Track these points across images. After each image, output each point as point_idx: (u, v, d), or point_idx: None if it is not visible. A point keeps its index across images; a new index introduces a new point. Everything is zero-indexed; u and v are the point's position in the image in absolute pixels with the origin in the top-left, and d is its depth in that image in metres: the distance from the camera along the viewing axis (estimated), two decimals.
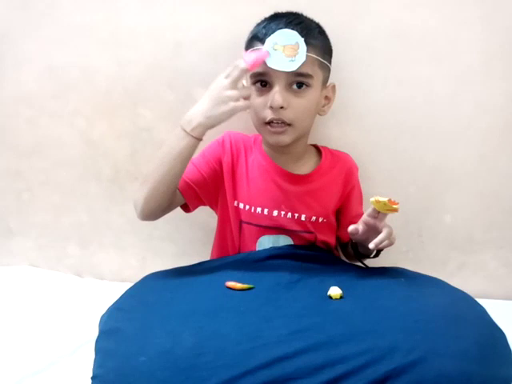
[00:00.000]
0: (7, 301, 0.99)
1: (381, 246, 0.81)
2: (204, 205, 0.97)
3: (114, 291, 0.82)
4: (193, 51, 1.02)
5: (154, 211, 0.88)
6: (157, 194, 0.85)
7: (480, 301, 0.77)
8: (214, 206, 0.99)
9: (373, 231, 0.83)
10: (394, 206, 0.80)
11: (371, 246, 0.81)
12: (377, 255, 0.91)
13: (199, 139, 0.82)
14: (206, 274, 0.84)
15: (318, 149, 0.99)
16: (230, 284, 0.77)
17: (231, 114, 0.80)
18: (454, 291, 0.78)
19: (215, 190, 0.95)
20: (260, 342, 0.64)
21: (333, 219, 0.97)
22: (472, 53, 1.02)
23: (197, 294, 0.74)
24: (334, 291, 0.75)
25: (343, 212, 0.98)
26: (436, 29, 1.00)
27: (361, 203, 1.01)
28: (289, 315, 0.70)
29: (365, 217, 0.84)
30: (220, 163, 0.94)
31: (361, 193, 1.01)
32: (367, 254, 0.91)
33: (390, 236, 0.82)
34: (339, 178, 0.96)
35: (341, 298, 0.75)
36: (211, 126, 0.81)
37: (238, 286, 0.77)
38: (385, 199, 0.80)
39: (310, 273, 0.84)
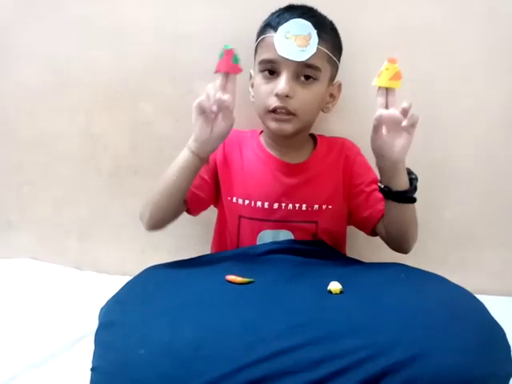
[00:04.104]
0: (7, 293, 0.99)
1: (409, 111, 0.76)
2: (207, 207, 0.99)
3: (114, 284, 0.81)
4: (194, 44, 1.02)
5: (159, 223, 0.92)
6: (160, 207, 0.89)
7: (480, 297, 0.76)
8: (215, 205, 1.00)
9: (393, 126, 0.79)
10: (396, 65, 0.77)
11: (404, 104, 0.76)
12: (412, 192, 0.84)
13: (199, 156, 0.84)
14: (206, 267, 0.84)
15: (313, 137, 0.99)
16: (230, 278, 0.77)
17: (202, 123, 0.82)
18: (454, 287, 0.78)
19: (217, 188, 0.96)
20: (259, 335, 0.64)
21: (341, 206, 0.96)
22: (475, 49, 1.02)
23: (197, 287, 0.74)
24: (334, 286, 0.75)
25: (357, 190, 0.95)
26: (439, 24, 1.00)
27: (370, 170, 0.96)
28: (288, 310, 0.69)
29: (377, 113, 0.79)
30: (214, 163, 0.95)
31: (367, 164, 0.97)
32: (401, 188, 0.83)
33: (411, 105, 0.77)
34: (338, 163, 0.96)
35: (341, 292, 0.74)
36: (202, 140, 0.83)
37: (238, 279, 0.77)
38: (383, 65, 0.77)
39: (310, 268, 0.84)
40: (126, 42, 1.04)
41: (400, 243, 0.91)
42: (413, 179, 0.85)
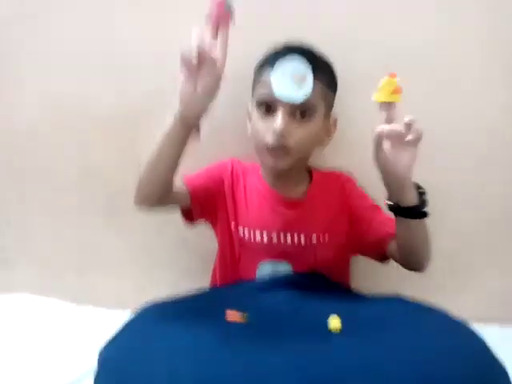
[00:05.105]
0: (5, 329, 0.98)
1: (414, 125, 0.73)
2: (206, 219, 0.98)
3: (112, 319, 0.81)
4: None
5: (146, 198, 0.88)
6: (146, 178, 0.85)
7: (480, 325, 0.76)
8: (214, 226, 1.00)
9: (396, 142, 0.76)
10: (395, 80, 0.75)
11: (406, 119, 0.73)
12: (422, 206, 0.81)
13: (185, 120, 0.80)
14: (206, 304, 0.83)
15: (309, 171, 1.00)
16: (230, 316, 0.77)
17: (185, 78, 0.78)
18: (455, 323, 0.76)
19: (215, 205, 0.96)
20: (260, 379, 0.63)
21: (338, 236, 0.96)
22: (470, 78, 1.03)
23: (197, 329, 0.73)
24: (334, 324, 0.75)
25: (357, 217, 0.95)
26: (431, 55, 1.02)
27: (368, 198, 0.98)
28: (288, 351, 0.69)
29: (376, 129, 0.76)
30: (222, 182, 0.96)
31: (364, 193, 0.98)
32: (410, 204, 0.80)
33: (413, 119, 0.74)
34: (335, 195, 0.97)
35: (340, 330, 0.74)
36: (186, 99, 0.79)
37: (238, 317, 0.77)
38: (383, 80, 0.75)
39: (310, 303, 0.84)
40: (126, 78, 1.05)
41: (413, 262, 0.89)
42: (422, 193, 0.82)
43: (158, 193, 0.87)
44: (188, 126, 0.81)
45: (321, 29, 1.00)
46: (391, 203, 0.81)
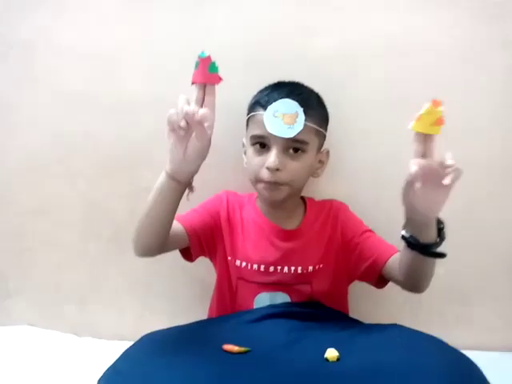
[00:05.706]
0: (5, 361, 0.98)
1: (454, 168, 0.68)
2: (205, 255, 1.00)
3: (112, 350, 0.81)
4: None
5: (146, 250, 0.88)
6: (143, 232, 0.86)
7: (477, 353, 0.77)
8: (213, 259, 1.01)
9: (429, 180, 0.70)
10: (439, 109, 0.66)
11: (449, 161, 0.68)
12: (440, 241, 0.78)
13: (177, 179, 0.80)
14: (203, 335, 0.84)
15: (304, 200, 1.02)
16: (228, 347, 0.77)
17: (174, 141, 0.77)
18: (451, 353, 0.76)
19: (213, 240, 0.97)
20: None
21: (333, 264, 0.97)
22: (458, 113, 1.06)
23: (194, 360, 0.73)
24: (331, 353, 0.75)
25: (351, 243, 0.96)
26: (422, 84, 1.04)
27: (361, 223, 0.99)
28: (286, 380, 0.70)
29: (412, 167, 0.69)
30: (218, 215, 0.98)
31: (356, 218, 0.99)
32: (430, 241, 0.78)
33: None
34: (328, 224, 0.98)
35: (337, 360, 0.75)
36: (176, 161, 0.79)
37: (235, 349, 0.77)
38: (425, 108, 0.66)
39: (307, 333, 0.84)
40: (127, 114, 1.08)
41: (416, 287, 0.89)
42: (441, 229, 0.78)
43: (155, 244, 0.87)
44: (180, 184, 0.81)
45: (314, 59, 1.04)
46: (407, 235, 0.79)
